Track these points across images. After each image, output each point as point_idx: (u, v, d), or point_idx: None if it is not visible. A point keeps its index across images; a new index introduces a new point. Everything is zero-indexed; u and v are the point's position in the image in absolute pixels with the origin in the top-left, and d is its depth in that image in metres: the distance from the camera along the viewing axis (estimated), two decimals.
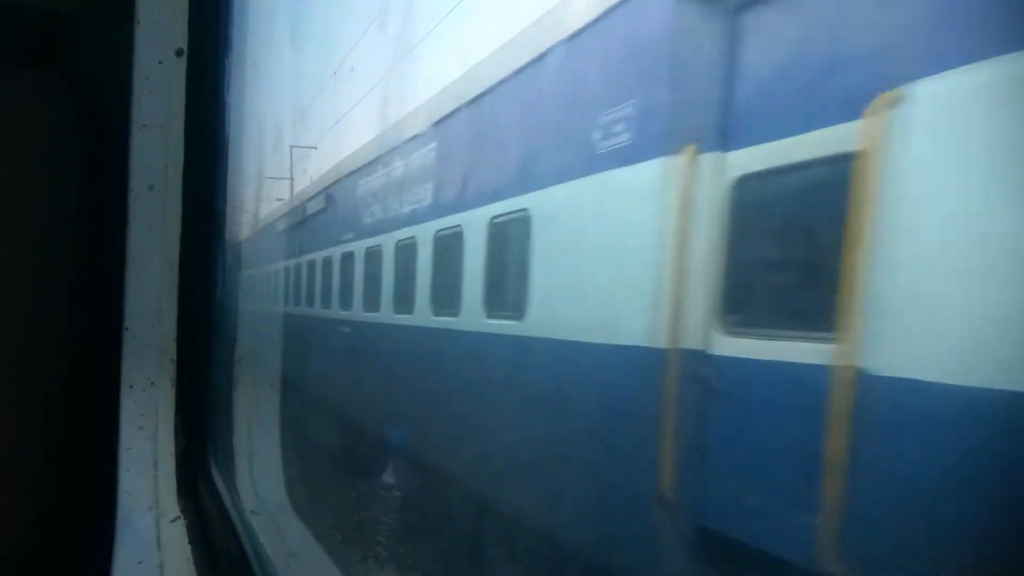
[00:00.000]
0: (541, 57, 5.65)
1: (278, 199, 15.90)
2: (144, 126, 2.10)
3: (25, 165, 2.09)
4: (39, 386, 2.14)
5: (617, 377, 4.61)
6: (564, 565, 5.19)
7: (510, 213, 5.89)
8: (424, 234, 7.70)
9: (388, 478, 8.55)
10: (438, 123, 7.59)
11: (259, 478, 3.08)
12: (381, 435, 9.10)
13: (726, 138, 3.97)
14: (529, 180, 5.64)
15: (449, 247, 7.10)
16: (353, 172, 10.80)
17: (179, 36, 2.13)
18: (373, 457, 9.48)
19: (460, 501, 6.85)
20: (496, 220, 6.14)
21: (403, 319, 8.14)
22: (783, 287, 3.84)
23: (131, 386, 2.17)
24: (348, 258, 10.59)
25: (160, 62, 2.11)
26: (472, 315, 6.44)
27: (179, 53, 2.13)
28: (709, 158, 4.03)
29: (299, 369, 10.46)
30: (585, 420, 4.82)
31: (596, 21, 5.03)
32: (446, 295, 7.14)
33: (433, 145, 7.69)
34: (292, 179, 16.74)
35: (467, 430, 6.48)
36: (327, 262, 11.77)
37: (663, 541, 4.21)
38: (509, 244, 5.98)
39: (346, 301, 10.57)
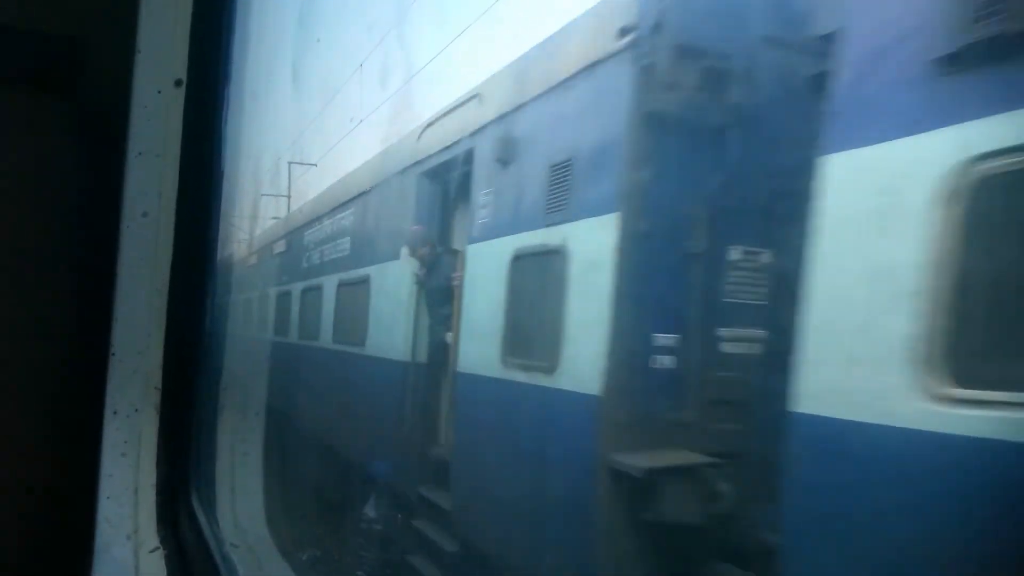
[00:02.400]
0: None
1: (274, 218, 15.36)
2: (141, 154, 2.12)
3: (19, 187, 2.10)
4: (23, 409, 2.12)
5: None
6: None
7: None
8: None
9: (370, 511, 8.43)
10: None
11: (240, 510, 3.04)
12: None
13: None
14: None
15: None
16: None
17: (179, 66, 2.15)
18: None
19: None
20: None
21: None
22: None
23: (115, 412, 2.16)
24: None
25: (159, 91, 2.13)
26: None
27: (178, 83, 2.15)
28: None
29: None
30: None
31: None
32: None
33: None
34: (289, 197, 16.45)
35: None
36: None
37: None
38: None
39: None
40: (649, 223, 4.77)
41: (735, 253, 4.88)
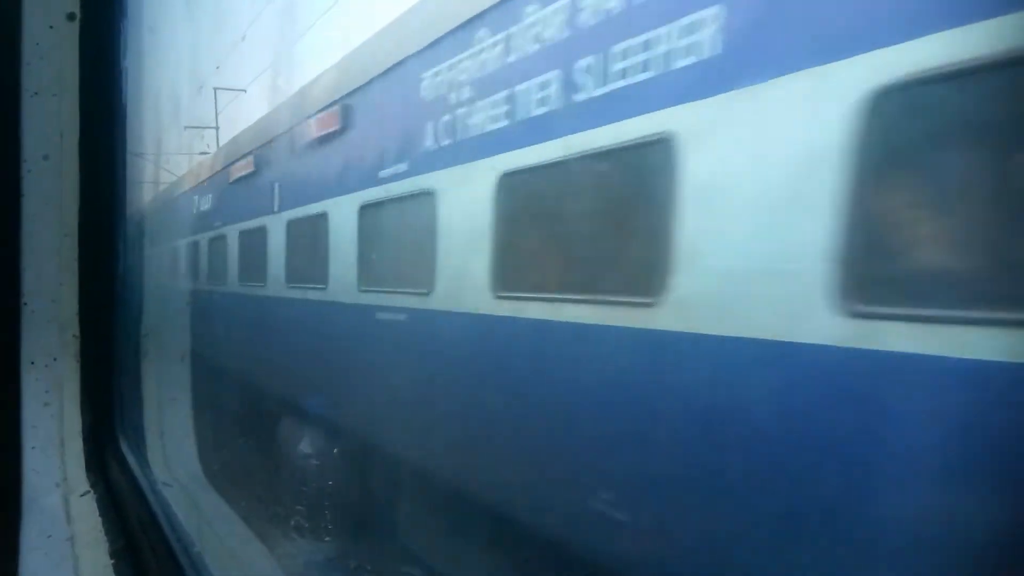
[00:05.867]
0: None
1: (203, 153, 13.99)
2: (36, 93, 2.03)
3: None
4: None
5: None
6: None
7: None
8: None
9: (303, 446, 8.50)
10: None
11: (171, 451, 3.05)
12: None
13: None
14: None
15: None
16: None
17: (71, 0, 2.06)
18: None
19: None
20: None
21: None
22: None
23: (33, 363, 2.12)
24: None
25: (51, 26, 2.04)
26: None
27: (71, 17, 2.06)
28: None
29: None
30: None
31: None
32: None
33: None
34: (218, 128, 15.31)
35: None
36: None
37: None
38: None
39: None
40: None
41: None
